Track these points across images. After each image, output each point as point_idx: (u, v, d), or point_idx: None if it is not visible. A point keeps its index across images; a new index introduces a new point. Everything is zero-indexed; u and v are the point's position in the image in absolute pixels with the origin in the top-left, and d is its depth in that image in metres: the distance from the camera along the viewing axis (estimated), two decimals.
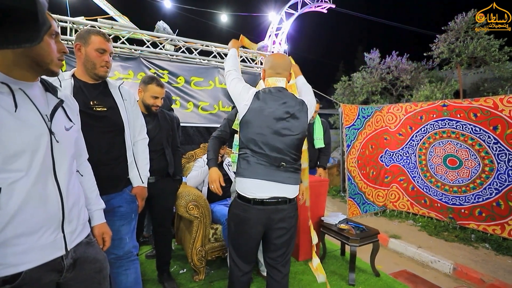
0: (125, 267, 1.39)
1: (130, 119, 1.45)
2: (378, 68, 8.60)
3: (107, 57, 1.34)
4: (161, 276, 2.11)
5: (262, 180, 1.34)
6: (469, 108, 3.58)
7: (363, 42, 32.31)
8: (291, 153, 1.38)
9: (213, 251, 2.26)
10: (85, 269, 0.90)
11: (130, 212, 1.43)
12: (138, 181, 1.47)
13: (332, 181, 6.61)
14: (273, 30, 4.33)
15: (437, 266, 2.86)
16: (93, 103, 1.32)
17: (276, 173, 1.35)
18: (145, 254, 2.58)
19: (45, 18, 0.42)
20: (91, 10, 3.19)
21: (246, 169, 1.36)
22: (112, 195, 1.36)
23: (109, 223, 1.34)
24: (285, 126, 1.35)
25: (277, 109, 1.35)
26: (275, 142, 1.34)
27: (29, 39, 0.44)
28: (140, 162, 1.51)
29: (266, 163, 1.34)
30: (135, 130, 1.52)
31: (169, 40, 3.42)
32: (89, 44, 1.31)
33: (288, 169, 1.38)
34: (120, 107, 1.40)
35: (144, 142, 1.58)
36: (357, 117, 4.37)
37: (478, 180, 3.52)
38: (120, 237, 1.38)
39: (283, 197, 1.38)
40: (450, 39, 7.35)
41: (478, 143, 3.54)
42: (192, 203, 2.13)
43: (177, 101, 3.39)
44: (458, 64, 7.58)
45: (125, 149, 1.41)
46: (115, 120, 1.37)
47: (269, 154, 1.34)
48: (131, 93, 1.53)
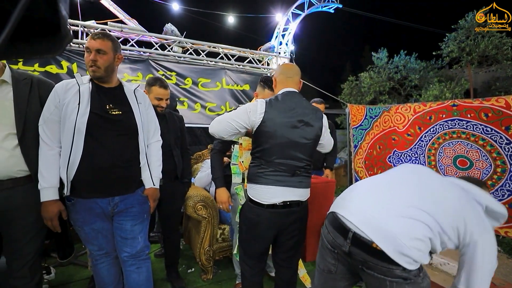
0: (138, 265, 1.43)
1: (144, 122, 1.47)
2: (386, 67, 8.50)
3: (93, 55, 1.32)
4: (169, 275, 2.14)
5: (276, 186, 1.33)
6: (480, 108, 3.51)
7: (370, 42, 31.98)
8: (306, 160, 1.38)
9: (221, 251, 2.28)
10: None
11: (142, 212, 1.46)
12: (150, 183, 1.49)
13: (339, 182, 6.58)
14: (280, 31, 4.33)
15: (446, 268, 2.82)
16: (109, 107, 1.35)
17: (290, 179, 1.34)
18: (154, 253, 2.62)
19: (67, 31, 0.44)
20: (102, 14, 3.26)
21: (260, 177, 1.34)
22: (125, 196, 1.39)
23: (123, 223, 1.39)
24: (301, 135, 1.34)
25: (291, 118, 1.33)
26: (290, 151, 1.33)
27: (51, 49, 0.46)
28: (153, 164, 1.52)
29: (281, 171, 1.33)
30: (149, 132, 1.54)
31: (177, 42, 3.46)
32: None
33: (301, 174, 1.37)
34: (134, 111, 1.42)
35: (157, 144, 1.59)
36: (364, 117, 4.34)
37: (490, 181, 3.45)
38: (133, 237, 1.42)
39: (295, 200, 1.37)
40: (460, 37, 7.22)
41: (490, 144, 3.47)
42: (200, 203, 2.15)
43: (184, 102, 3.43)
44: (469, 63, 7.43)
45: (139, 152, 1.43)
46: (130, 124, 1.39)
47: (284, 163, 1.33)
48: (145, 96, 1.56)
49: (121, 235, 1.41)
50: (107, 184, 1.33)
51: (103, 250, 1.44)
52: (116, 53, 1.40)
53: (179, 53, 3.50)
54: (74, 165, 1.27)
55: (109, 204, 1.35)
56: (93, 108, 1.30)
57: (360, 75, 8.96)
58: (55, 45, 0.45)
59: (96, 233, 1.39)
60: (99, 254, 1.44)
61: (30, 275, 1.32)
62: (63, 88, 1.32)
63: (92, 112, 1.30)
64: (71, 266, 2.36)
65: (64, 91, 1.31)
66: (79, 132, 1.27)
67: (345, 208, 1.11)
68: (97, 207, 1.34)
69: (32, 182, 1.29)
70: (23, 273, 1.30)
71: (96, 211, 1.34)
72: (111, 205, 1.36)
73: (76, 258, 2.42)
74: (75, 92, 1.31)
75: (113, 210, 1.37)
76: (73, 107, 1.28)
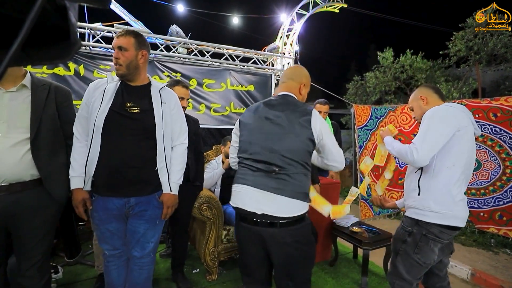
0: (141, 266, 1.43)
1: (167, 122, 1.40)
2: (392, 67, 8.41)
3: (115, 53, 1.33)
4: (175, 275, 2.15)
5: (245, 186, 1.21)
6: (489, 107, 3.45)
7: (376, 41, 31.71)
8: (287, 157, 1.18)
9: (226, 251, 2.29)
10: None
11: (155, 217, 1.41)
12: (166, 188, 1.41)
13: (344, 182, 6.53)
14: (285, 31, 4.32)
15: (454, 271, 2.78)
16: (129, 105, 1.34)
17: (264, 180, 1.17)
18: (159, 253, 2.64)
19: (77, 38, 0.44)
20: (108, 16, 3.30)
21: (237, 176, 1.29)
22: (140, 198, 1.35)
23: (136, 225, 1.38)
24: (276, 124, 1.22)
25: (264, 111, 1.28)
26: (265, 141, 1.21)
27: (60, 56, 0.47)
28: (173, 167, 1.45)
29: (253, 167, 1.22)
30: (174, 134, 1.47)
31: (182, 43, 3.48)
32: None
33: (280, 177, 1.17)
34: (156, 110, 1.37)
35: (181, 147, 1.51)
36: (369, 117, 4.30)
37: (499, 182, 3.39)
38: (144, 241, 1.40)
39: (269, 215, 1.15)
40: (468, 36, 7.10)
41: (499, 144, 3.41)
42: (205, 204, 2.16)
43: (189, 103, 3.45)
44: (477, 62, 7.31)
45: (156, 154, 1.36)
46: (147, 123, 1.34)
47: (257, 158, 1.21)
48: (172, 96, 1.49)
49: (133, 237, 1.39)
50: (121, 184, 1.31)
51: (116, 251, 1.44)
52: (140, 49, 1.36)
53: (184, 54, 3.52)
54: (93, 162, 1.28)
55: (124, 205, 1.34)
56: (113, 106, 1.31)
57: (366, 74, 8.88)
58: (64, 52, 0.46)
59: (111, 234, 1.39)
60: (112, 255, 1.44)
61: (39, 276, 1.34)
62: (94, 86, 1.37)
63: (111, 110, 1.30)
64: (78, 266, 2.39)
65: (94, 89, 1.36)
66: (97, 129, 1.28)
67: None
68: (114, 207, 1.33)
69: (41, 185, 1.31)
70: (32, 273, 1.32)
71: (112, 211, 1.34)
72: (127, 207, 1.34)
73: (83, 258, 2.46)
74: (102, 90, 1.33)
75: (128, 212, 1.36)
76: (97, 104, 1.31)
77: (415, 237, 1.36)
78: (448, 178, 1.32)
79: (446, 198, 1.31)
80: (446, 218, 1.30)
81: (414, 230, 1.36)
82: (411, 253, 1.37)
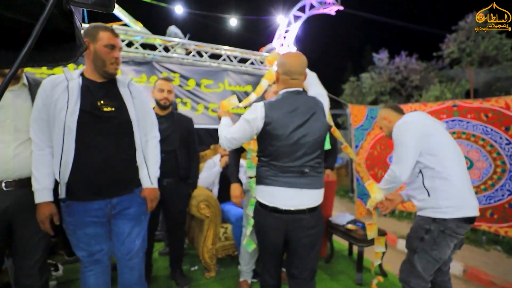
0: (131, 267, 1.42)
1: (140, 117, 1.38)
2: (387, 68, 8.53)
3: (117, 53, 1.27)
4: (174, 273, 2.18)
5: (284, 188, 1.30)
6: (480, 108, 3.54)
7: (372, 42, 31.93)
8: (315, 157, 1.33)
9: (223, 249, 2.33)
10: None
11: (139, 214, 1.40)
12: (147, 181, 1.40)
13: (341, 182, 6.60)
14: (281, 33, 4.38)
15: None
16: (101, 103, 1.26)
17: (299, 181, 1.30)
18: (158, 252, 2.67)
19: (82, 41, 0.46)
20: (107, 17, 3.32)
21: (268, 178, 1.33)
22: (123, 197, 1.33)
23: (120, 226, 1.35)
24: (307, 133, 1.29)
25: (294, 117, 1.29)
26: (297, 151, 1.29)
27: (66, 58, 0.49)
28: (150, 161, 1.43)
29: (289, 172, 1.30)
30: (146, 127, 1.45)
31: (180, 44, 3.52)
32: (98, 41, 1.23)
33: (310, 174, 1.32)
34: (128, 106, 1.33)
35: (154, 140, 1.50)
36: (365, 117, 4.37)
37: (490, 181, 3.48)
38: (130, 240, 1.38)
39: (302, 209, 1.32)
40: (461, 38, 7.25)
41: (490, 144, 3.50)
42: (203, 203, 2.19)
43: (187, 103, 3.48)
44: (469, 63, 7.46)
45: (135, 150, 1.34)
46: (123, 120, 1.31)
47: (291, 164, 1.29)
48: (140, 90, 1.45)
49: (118, 238, 1.36)
50: (103, 186, 1.26)
51: (93, 257, 1.33)
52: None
53: (183, 55, 3.56)
54: (67, 166, 1.20)
55: (106, 206, 1.29)
56: (83, 105, 1.22)
57: (361, 75, 9.00)
58: (70, 54, 0.49)
59: (89, 238, 1.29)
60: (89, 261, 1.34)
61: (39, 274, 1.35)
62: (50, 84, 1.22)
63: (82, 110, 1.21)
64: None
65: (51, 88, 1.21)
66: (69, 131, 1.19)
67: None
68: (93, 210, 1.27)
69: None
70: (34, 271, 1.33)
71: (91, 213, 1.27)
72: (108, 208, 1.30)
73: None
74: (64, 89, 1.21)
75: (110, 213, 1.31)
76: (62, 104, 1.19)
77: (432, 234, 1.41)
78: (447, 172, 1.41)
79: (454, 191, 1.40)
80: (462, 209, 1.38)
81: (432, 227, 1.42)
82: (428, 250, 1.42)
